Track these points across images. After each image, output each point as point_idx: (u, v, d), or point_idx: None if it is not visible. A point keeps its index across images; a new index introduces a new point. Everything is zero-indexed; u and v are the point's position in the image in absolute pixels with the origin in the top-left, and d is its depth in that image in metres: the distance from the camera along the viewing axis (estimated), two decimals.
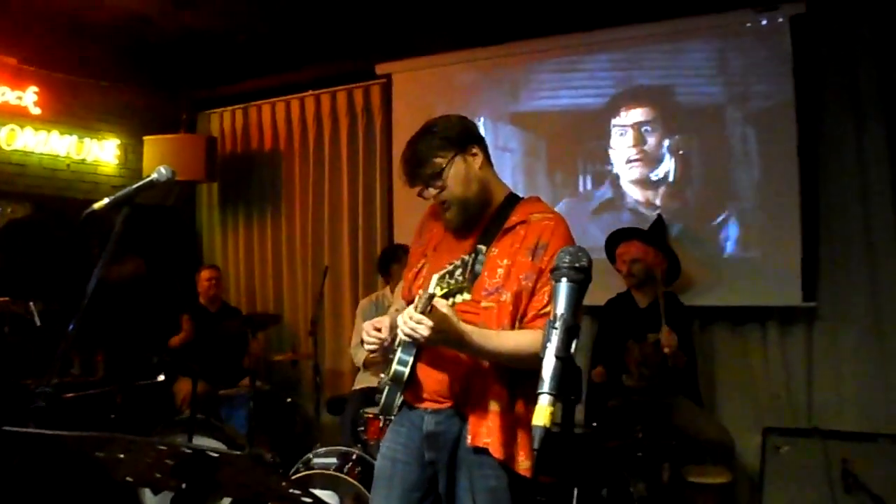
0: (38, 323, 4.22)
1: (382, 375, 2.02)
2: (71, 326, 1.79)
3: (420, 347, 1.93)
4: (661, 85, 4.41)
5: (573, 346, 1.17)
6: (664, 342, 3.68)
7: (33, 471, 3.27)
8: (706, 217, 4.30)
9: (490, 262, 1.99)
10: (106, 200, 1.90)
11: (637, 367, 3.92)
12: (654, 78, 4.42)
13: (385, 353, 2.04)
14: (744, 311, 4.26)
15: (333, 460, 3.51)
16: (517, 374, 1.93)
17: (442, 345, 1.90)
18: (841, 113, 4.04)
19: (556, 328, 1.18)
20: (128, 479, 1.75)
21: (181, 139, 5.63)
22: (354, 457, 3.49)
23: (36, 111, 5.11)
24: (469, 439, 1.94)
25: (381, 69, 5.30)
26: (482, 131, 4.78)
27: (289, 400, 4.97)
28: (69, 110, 5.38)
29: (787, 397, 4.13)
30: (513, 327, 1.95)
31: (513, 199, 2.12)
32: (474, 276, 1.64)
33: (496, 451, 1.90)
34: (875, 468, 3.42)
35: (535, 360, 1.82)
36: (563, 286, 1.22)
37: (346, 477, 3.36)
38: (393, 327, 1.99)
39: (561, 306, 1.20)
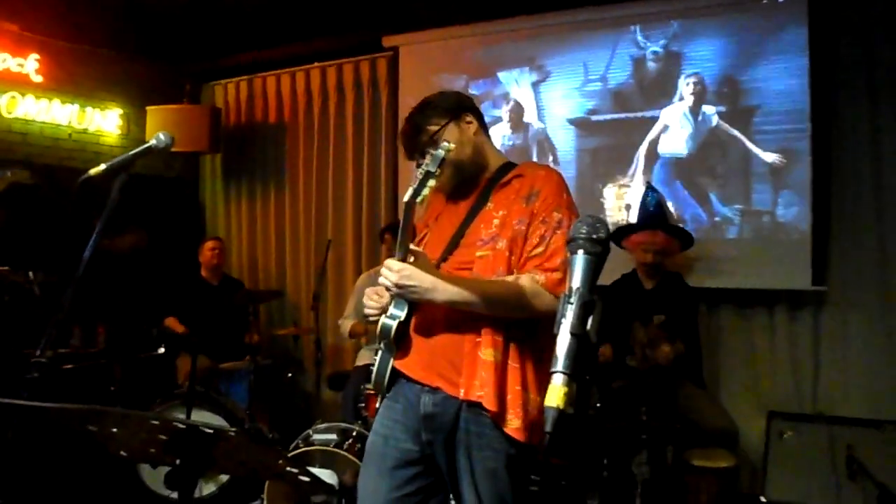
0: (38, 293, 4.19)
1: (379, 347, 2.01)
2: (66, 295, 1.74)
3: (411, 304, 1.96)
4: (673, 61, 4.32)
5: (589, 322, 1.10)
6: (661, 358, 3.70)
7: (30, 443, 3.25)
8: (715, 197, 4.24)
9: (486, 215, 2.02)
10: (102, 166, 1.84)
11: (642, 349, 3.90)
12: (667, 54, 4.34)
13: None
14: (751, 294, 4.21)
15: (333, 436, 3.49)
16: (512, 334, 1.92)
17: (420, 296, 1.91)
18: (855, 94, 3.97)
19: (571, 303, 1.09)
20: (122, 453, 1.72)
21: (185, 109, 5.56)
22: (355, 433, 3.47)
23: (37, 79, 5.03)
24: (462, 392, 1.90)
25: (387, 42, 5.23)
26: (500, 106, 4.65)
27: (289, 375, 4.95)
28: (71, 79, 5.29)
29: (792, 382, 4.09)
30: (509, 274, 1.93)
31: (509, 166, 2.13)
32: (438, 158, 1.81)
33: (489, 404, 1.86)
34: (880, 455, 3.40)
35: (525, 307, 1.87)
36: (580, 258, 1.13)
37: (345, 453, 3.34)
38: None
39: (577, 280, 1.12)
